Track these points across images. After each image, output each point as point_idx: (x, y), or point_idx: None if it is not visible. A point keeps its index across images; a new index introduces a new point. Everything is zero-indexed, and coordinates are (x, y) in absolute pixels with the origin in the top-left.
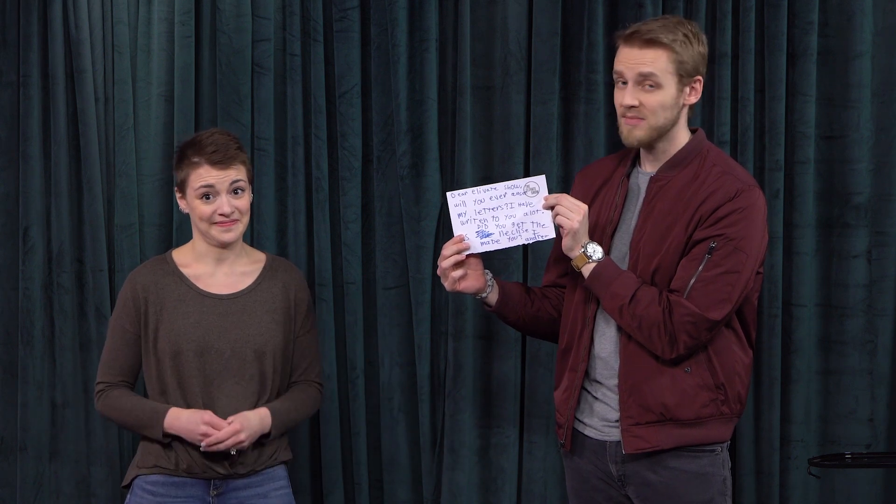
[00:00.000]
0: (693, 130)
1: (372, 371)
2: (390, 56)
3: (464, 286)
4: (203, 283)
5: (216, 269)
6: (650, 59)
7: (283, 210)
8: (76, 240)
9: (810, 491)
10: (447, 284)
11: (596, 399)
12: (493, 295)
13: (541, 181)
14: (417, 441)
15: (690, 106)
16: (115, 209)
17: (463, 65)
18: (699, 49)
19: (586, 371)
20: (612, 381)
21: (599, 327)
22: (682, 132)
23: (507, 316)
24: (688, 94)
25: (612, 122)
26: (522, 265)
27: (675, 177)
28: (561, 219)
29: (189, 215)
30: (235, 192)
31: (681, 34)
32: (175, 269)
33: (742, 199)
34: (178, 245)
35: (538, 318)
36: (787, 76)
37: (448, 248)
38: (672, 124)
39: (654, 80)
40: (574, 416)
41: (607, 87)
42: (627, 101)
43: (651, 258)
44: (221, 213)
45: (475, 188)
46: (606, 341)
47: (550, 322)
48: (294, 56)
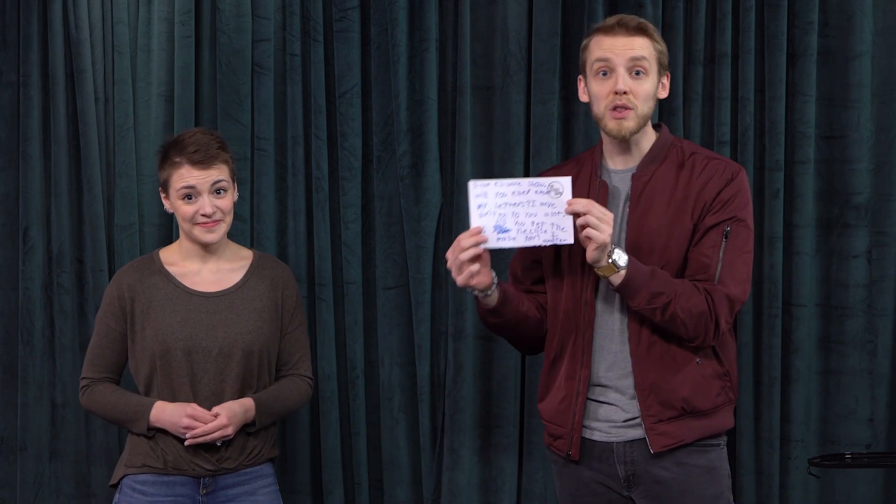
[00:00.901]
0: (656, 126)
1: (372, 371)
2: (390, 56)
3: (476, 281)
4: (189, 282)
5: (202, 267)
6: (640, 45)
7: (283, 210)
8: (76, 240)
9: (810, 491)
10: (461, 279)
11: (601, 403)
12: (495, 293)
13: (566, 182)
14: (417, 441)
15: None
16: (115, 209)
17: (463, 65)
18: (665, 47)
19: (589, 377)
20: (624, 382)
21: (602, 331)
22: (650, 127)
23: (503, 315)
24: (660, 90)
25: None
26: None
27: (657, 170)
28: (591, 231)
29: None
30: (218, 193)
31: (654, 28)
32: (161, 268)
33: (738, 180)
34: None
35: (528, 317)
36: (787, 76)
37: (466, 240)
38: (650, 117)
39: (644, 65)
40: (581, 424)
41: None
42: (621, 86)
43: (661, 252)
44: (203, 213)
45: (498, 180)
46: (612, 344)
47: (536, 323)
48: (294, 56)
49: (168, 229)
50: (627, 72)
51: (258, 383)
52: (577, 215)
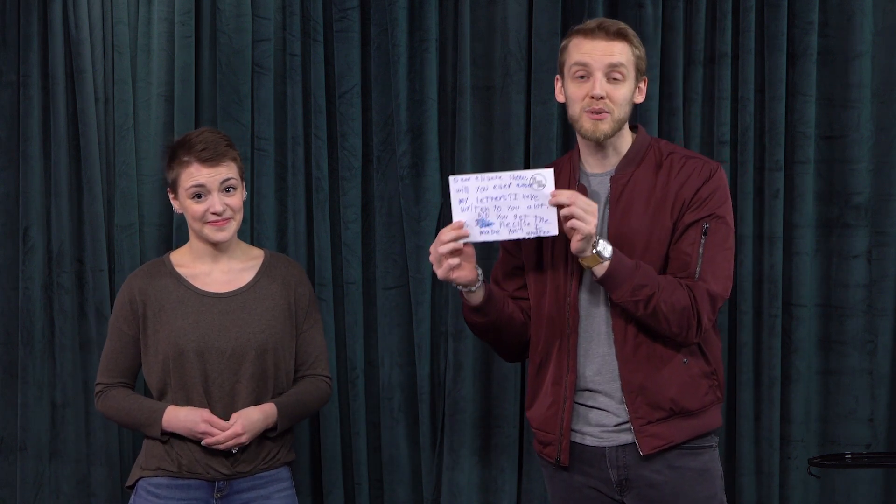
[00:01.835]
0: (633, 127)
1: (372, 371)
2: (390, 56)
3: (457, 275)
4: (201, 283)
5: (213, 267)
6: (619, 51)
7: (283, 210)
8: (76, 240)
9: (810, 491)
10: (440, 272)
11: (590, 408)
12: (480, 291)
13: (548, 174)
14: (417, 441)
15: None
16: (115, 209)
17: (463, 65)
18: (644, 52)
19: (575, 382)
20: (612, 386)
21: (587, 334)
22: (628, 130)
23: (487, 313)
24: (636, 94)
25: None
26: None
27: (635, 172)
28: (576, 223)
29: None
30: (227, 191)
31: (634, 33)
32: (172, 271)
33: (717, 178)
34: (177, 245)
35: (513, 318)
36: (787, 76)
37: (446, 234)
38: (626, 121)
39: (622, 71)
40: (570, 429)
41: None
42: (598, 90)
43: (642, 252)
44: (213, 211)
45: (479, 175)
46: (599, 347)
47: (521, 326)
48: (294, 56)
49: (168, 229)
50: (605, 77)
51: (273, 383)
52: (560, 207)
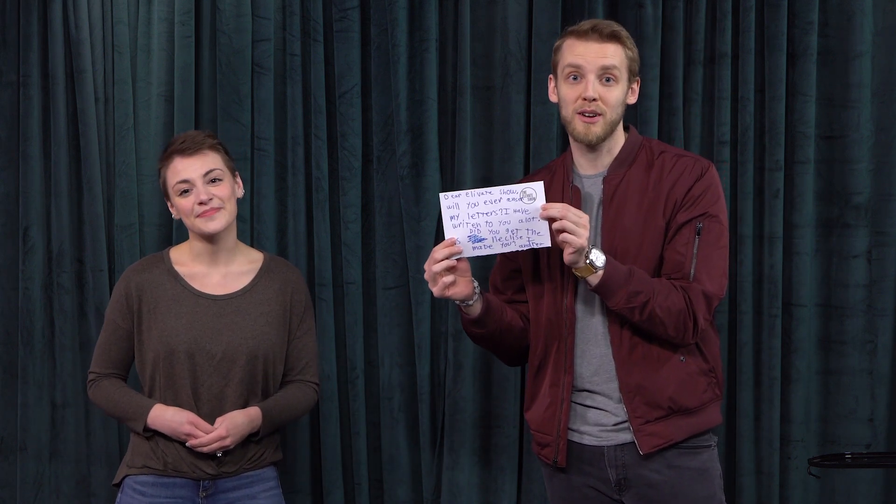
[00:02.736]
0: (625, 128)
1: (372, 371)
2: (390, 56)
3: (453, 292)
4: (198, 283)
5: (211, 268)
6: (611, 53)
7: (283, 210)
8: (76, 240)
9: (810, 491)
10: (436, 290)
11: (588, 408)
12: (478, 304)
13: (538, 188)
14: (417, 441)
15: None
16: (115, 209)
17: (463, 65)
18: (637, 53)
19: (572, 383)
20: (610, 386)
21: (584, 336)
22: (621, 131)
23: (486, 325)
24: (629, 95)
25: None
26: None
27: (627, 172)
28: (568, 236)
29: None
30: (213, 182)
31: (627, 35)
32: (170, 268)
33: (708, 176)
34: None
35: (512, 326)
36: (787, 76)
37: (440, 252)
38: (619, 122)
39: (615, 73)
40: (567, 429)
41: None
42: (590, 93)
43: (636, 253)
44: (199, 201)
45: (469, 191)
46: (596, 348)
47: (521, 332)
48: (294, 56)
49: (168, 229)
50: (598, 79)
51: (261, 389)
52: (552, 220)
